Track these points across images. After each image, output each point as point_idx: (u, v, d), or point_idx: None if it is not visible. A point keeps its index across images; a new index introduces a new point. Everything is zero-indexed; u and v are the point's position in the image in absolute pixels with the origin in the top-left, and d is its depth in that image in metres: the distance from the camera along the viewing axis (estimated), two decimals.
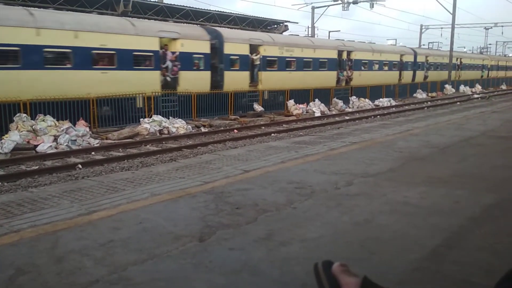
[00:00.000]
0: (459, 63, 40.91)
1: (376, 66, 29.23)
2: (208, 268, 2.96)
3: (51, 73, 13.48)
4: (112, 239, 3.48)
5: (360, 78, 27.11)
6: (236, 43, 19.32)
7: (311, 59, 23.42)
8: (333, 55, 25.13)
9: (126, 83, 15.00)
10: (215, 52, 18.42)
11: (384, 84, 28.71)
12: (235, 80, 19.07)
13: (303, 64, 22.96)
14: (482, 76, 45.85)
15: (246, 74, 19.93)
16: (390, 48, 32.66)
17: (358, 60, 27.39)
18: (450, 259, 3.08)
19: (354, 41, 32.97)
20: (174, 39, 16.92)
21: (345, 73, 26.16)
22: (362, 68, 27.90)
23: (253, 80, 20.43)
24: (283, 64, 21.82)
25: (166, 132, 14.56)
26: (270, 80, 20.92)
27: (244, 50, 19.74)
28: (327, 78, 24.31)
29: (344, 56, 26.19)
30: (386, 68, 30.29)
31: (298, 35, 30.51)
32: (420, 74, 34.52)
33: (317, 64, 23.87)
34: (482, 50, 68.95)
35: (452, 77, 38.01)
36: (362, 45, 29.54)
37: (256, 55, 20.34)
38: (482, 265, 2.95)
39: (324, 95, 23.08)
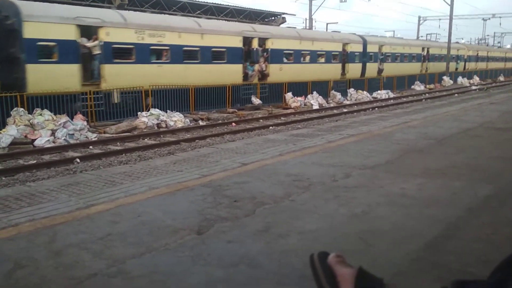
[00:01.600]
0: (425, 54, 34.91)
1: (307, 58, 22.92)
2: (206, 261, 2.97)
3: None
4: (110, 232, 3.49)
5: (281, 73, 21.07)
6: (48, 22, 13.27)
7: (197, 48, 17.58)
8: (236, 43, 19.04)
9: None
10: (14, 37, 12.90)
11: (324, 80, 23.32)
12: (52, 77, 13.17)
13: (184, 55, 17.05)
14: (456, 69, 39.83)
15: (73, 68, 13.88)
16: (326, 36, 25.81)
17: (278, 50, 20.91)
18: (447, 249, 3.10)
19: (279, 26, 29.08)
20: None
21: (256, 66, 20.22)
22: (285, 60, 21.58)
23: (93, 76, 14.72)
24: (146, 54, 15.81)
25: (164, 125, 14.55)
26: (122, 76, 14.98)
27: (67, 33, 13.68)
28: (226, 73, 18.49)
29: (255, 44, 20.11)
30: (322, 60, 23.93)
31: (295, 27, 30.24)
32: (372, 67, 28.34)
33: (209, 55, 18.04)
34: (480, 41, 68.93)
35: (417, 71, 33.43)
36: (283, 30, 23.71)
37: (93, 42, 14.52)
38: (479, 256, 2.96)
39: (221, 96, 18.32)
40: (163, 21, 17.08)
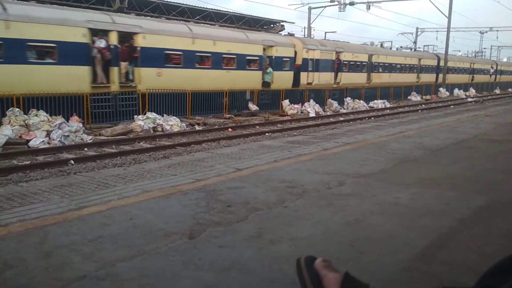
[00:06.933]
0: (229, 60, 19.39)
1: None
2: (197, 266, 2.95)
3: None
4: (101, 235, 3.46)
5: None
6: None
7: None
8: None
9: None
10: None
11: None
12: None
13: None
14: (266, 83, 21.46)
15: None
16: None
17: None
18: (439, 259, 3.09)
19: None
20: None
21: None
22: None
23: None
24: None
25: (160, 129, 14.53)
26: None
27: None
28: None
29: None
30: None
31: (293, 34, 30.26)
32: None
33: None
34: (477, 54, 69.50)
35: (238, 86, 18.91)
36: None
37: None
38: (471, 266, 2.96)
39: None
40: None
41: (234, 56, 19.67)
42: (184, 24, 18.92)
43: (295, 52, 22.97)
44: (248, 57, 20.45)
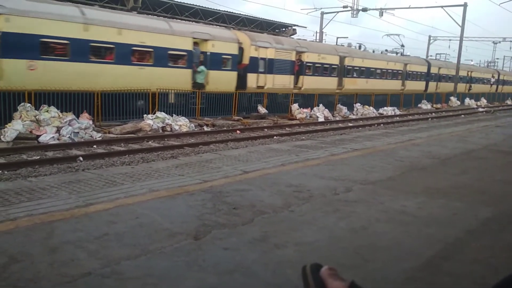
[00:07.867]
0: None
1: None
2: (201, 267, 2.96)
3: None
4: (107, 232, 3.48)
5: None
6: None
7: None
8: None
9: None
10: None
11: None
12: None
13: None
14: None
15: None
16: None
17: None
18: (444, 270, 3.07)
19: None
20: None
21: None
22: None
23: None
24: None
25: (169, 129, 14.58)
26: None
27: None
28: None
29: None
30: None
31: (306, 39, 30.25)
32: None
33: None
34: (489, 65, 68.92)
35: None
36: None
37: None
38: (476, 279, 2.94)
39: None
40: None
41: (151, 50, 15.83)
42: (74, 6, 14.71)
43: (241, 49, 19.06)
44: (171, 52, 16.47)
